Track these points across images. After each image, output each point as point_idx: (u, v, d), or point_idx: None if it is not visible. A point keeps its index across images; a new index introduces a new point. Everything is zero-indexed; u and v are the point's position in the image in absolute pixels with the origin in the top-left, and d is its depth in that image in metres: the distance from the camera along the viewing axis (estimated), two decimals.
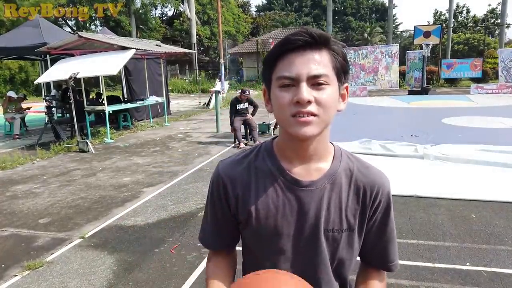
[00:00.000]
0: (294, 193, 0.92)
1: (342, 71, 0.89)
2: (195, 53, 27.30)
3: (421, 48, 20.91)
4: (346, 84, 0.93)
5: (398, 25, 48.53)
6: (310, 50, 0.84)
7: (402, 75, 22.81)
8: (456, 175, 5.43)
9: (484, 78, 22.34)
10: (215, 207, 1.00)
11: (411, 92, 19.57)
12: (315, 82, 0.84)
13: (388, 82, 22.24)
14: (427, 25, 24.65)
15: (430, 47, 20.12)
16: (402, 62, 23.04)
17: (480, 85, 19.33)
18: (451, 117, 10.90)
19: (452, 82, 23.45)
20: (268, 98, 0.94)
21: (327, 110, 0.86)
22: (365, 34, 38.89)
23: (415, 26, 21.09)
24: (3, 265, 3.42)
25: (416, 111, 13.36)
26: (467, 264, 3.11)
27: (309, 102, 0.83)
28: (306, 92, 0.83)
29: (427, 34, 20.36)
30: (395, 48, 22.52)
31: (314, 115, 0.84)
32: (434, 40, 20.48)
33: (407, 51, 23.48)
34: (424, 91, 18.93)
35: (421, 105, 14.73)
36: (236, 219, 0.99)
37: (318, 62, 0.84)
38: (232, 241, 1.05)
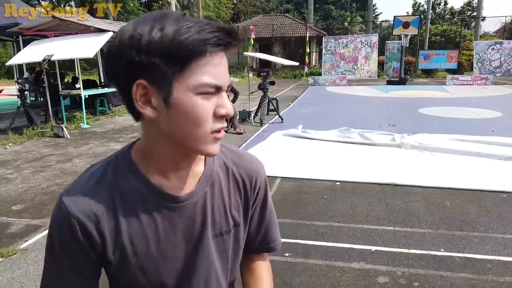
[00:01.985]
0: (173, 211, 0.77)
1: None
2: None
3: (400, 39, 21.19)
4: None
5: (378, 15, 48.98)
6: (225, 54, 0.70)
7: (381, 65, 23.11)
8: (432, 164, 5.56)
9: (460, 69, 22.89)
10: (72, 257, 0.73)
11: (389, 82, 19.88)
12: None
13: (367, 72, 22.52)
14: (406, 15, 24.94)
15: (409, 38, 20.42)
16: (381, 52, 23.31)
17: (456, 76, 19.80)
18: (427, 107, 11.13)
19: (429, 72, 23.93)
20: (150, 100, 0.67)
21: None
22: (346, 23, 39.03)
23: (394, 16, 21.29)
24: None
25: (394, 100, 13.58)
26: (442, 250, 3.20)
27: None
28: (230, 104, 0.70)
29: (406, 25, 20.59)
30: (374, 38, 22.77)
31: None
32: (412, 30, 20.73)
33: (386, 41, 23.77)
34: (402, 81, 19.26)
35: (399, 95, 14.98)
36: (101, 263, 0.77)
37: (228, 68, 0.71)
38: None
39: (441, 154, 5.99)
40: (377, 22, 41.47)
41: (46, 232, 3.63)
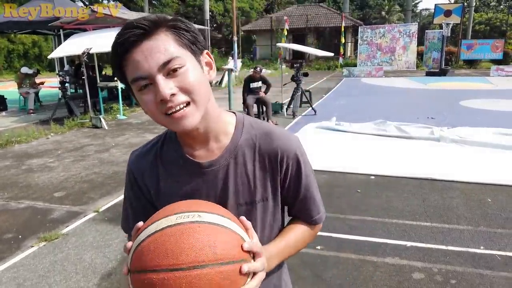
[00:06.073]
0: (199, 177, 0.92)
1: (194, 43, 0.82)
2: (208, 29, 27.00)
3: (441, 28, 20.30)
4: (205, 51, 0.86)
5: (417, 3, 46.94)
6: (148, 40, 0.77)
7: (419, 55, 22.27)
8: (473, 159, 5.32)
9: (505, 59, 21.65)
10: (131, 197, 1.01)
11: (429, 73, 19.14)
12: (169, 69, 0.77)
13: (405, 63, 21.79)
14: (448, 3, 23.86)
15: (451, 27, 19.53)
16: (420, 42, 22.45)
17: (501, 67, 18.75)
18: (469, 100, 10.65)
19: (471, 63, 22.81)
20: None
21: (197, 91, 0.80)
22: (383, 13, 37.85)
23: (435, 4, 20.40)
24: (20, 236, 3.50)
25: (433, 92, 13.07)
26: (481, 247, 3.07)
27: (173, 95, 0.77)
28: (164, 86, 0.76)
29: (447, 13, 19.70)
30: (413, 27, 21.97)
31: (187, 103, 0.79)
32: (454, 19, 19.81)
33: (426, 31, 22.84)
34: (442, 72, 18.49)
35: (439, 86, 14.41)
36: (151, 203, 0.99)
37: (162, 48, 0.77)
38: None
39: (482, 148, 5.72)
40: (417, 11, 39.91)
41: (86, 218, 3.78)
